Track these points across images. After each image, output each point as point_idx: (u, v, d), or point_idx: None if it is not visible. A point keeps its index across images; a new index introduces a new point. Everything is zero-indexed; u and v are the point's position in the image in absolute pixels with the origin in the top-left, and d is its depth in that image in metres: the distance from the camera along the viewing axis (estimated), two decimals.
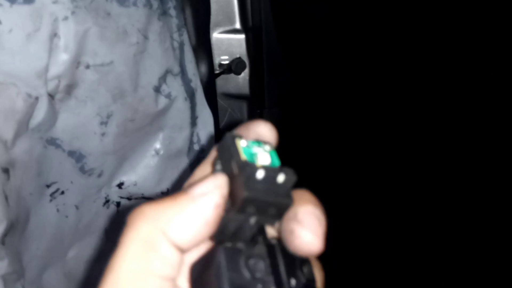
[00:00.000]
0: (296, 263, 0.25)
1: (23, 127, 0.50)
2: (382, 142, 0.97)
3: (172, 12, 0.64)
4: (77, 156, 0.60)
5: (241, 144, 0.26)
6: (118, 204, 0.68)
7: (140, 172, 0.68)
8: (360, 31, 0.89)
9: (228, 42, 0.86)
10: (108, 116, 0.60)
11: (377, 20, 0.89)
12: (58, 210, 0.60)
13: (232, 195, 0.25)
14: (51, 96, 0.53)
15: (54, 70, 0.51)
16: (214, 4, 0.81)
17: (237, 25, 0.85)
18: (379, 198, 1.01)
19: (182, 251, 0.24)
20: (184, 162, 0.71)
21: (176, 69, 0.66)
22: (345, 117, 0.94)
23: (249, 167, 0.24)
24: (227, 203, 0.25)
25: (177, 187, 0.68)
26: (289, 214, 0.25)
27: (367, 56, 0.91)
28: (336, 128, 0.95)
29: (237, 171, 0.25)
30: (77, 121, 0.57)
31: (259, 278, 0.24)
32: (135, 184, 0.68)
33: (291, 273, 0.24)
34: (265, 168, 0.24)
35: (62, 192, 0.60)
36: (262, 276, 0.24)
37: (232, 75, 0.87)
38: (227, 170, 0.26)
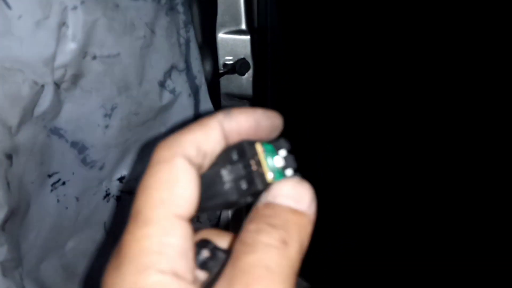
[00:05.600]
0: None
1: (28, 114, 0.50)
2: (386, 144, 0.97)
3: (180, 8, 0.65)
4: (79, 147, 0.60)
5: (263, 156, 0.26)
6: (118, 198, 0.67)
7: (141, 167, 0.68)
8: (367, 35, 0.90)
9: (233, 42, 0.86)
10: (113, 109, 0.60)
11: (384, 24, 0.90)
12: (58, 201, 0.59)
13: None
14: (57, 85, 0.53)
15: (61, 59, 0.52)
16: (221, 4, 0.82)
17: (243, 26, 0.86)
18: (379, 197, 1.01)
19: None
20: None
21: (182, 65, 0.66)
22: (348, 119, 0.95)
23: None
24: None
25: None
26: None
27: (373, 60, 0.91)
28: (339, 130, 0.95)
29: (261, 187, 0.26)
30: (81, 112, 0.57)
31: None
32: (136, 179, 0.68)
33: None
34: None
35: (63, 183, 0.60)
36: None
37: (236, 75, 0.87)
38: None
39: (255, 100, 0.88)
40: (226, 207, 0.26)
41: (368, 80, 0.92)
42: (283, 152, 0.26)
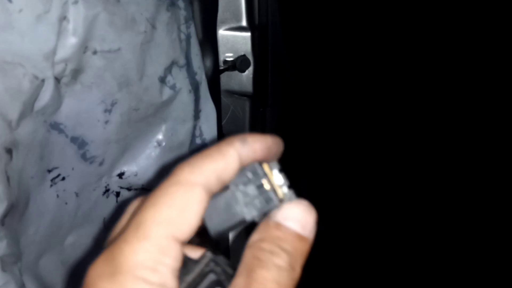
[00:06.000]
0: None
1: (28, 108, 0.50)
2: (383, 141, 0.97)
3: (181, 3, 0.64)
4: (79, 143, 0.60)
5: (272, 175, 0.28)
6: (117, 194, 0.67)
7: (141, 163, 0.67)
8: (366, 33, 0.90)
9: (234, 39, 0.86)
10: (113, 104, 0.60)
11: (383, 21, 0.90)
12: (58, 196, 0.59)
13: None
14: (57, 79, 0.52)
15: (61, 53, 0.51)
16: (222, 1, 0.82)
17: (243, 23, 0.86)
18: (379, 196, 1.01)
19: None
20: (185, 155, 0.71)
21: (182, 61, 0.66)
22: (347, 116, 0.95)
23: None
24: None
25: None
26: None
27: (372, 57, 0.91)
28: (338, 127, 0.95)
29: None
30: (81, 107, 0.57)
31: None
32: (135, 175, 0.68)
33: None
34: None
35: (63, 178, 0.59)
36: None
37: (236, 72, 0.87)
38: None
39: (255, 97, 0.88)
40: (241, 226, 0.28)
41: (368, 77, 0.92)
42: (276, 172, 0.28)
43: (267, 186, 0.27)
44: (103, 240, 0.67)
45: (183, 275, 0.27)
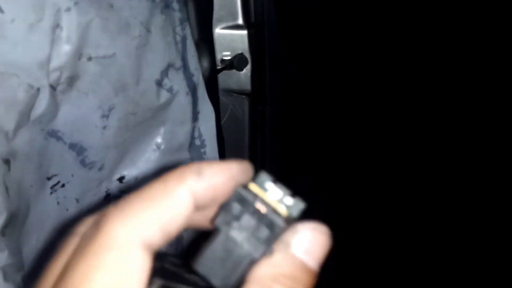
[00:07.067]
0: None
1: (24, 118, 0.50)
2: (382, 140, 0.97)
3: (175, 5, 0.64)
4: (78, 149, 0.59)
5: (264, 194, 0.23)
6: (119, 198, 0.67)
7: (141, 167, 0.67)
8: (362, 29, 0.89)
9: (231, 37, 0.86)
10: (110, 109, 0.59)
11: (379, 18, 0.89)
12: (58, 203, 0.59)
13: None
14: (52, 87, 0.52)
15: (56, 61, 0.51)
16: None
17: (240, 21, 0.85)
18: (379, 195, 1.00)
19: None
20: (185, 157, 0.71)
21: (178, 63, 0.66)
22: (346, 115, 0.94)
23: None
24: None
25: None
26: None
27: (368, 54, 0.91)
28: (337, 126, 0.94)
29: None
30: (78, 114, 0.57)
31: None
32: (135, 179, 0.68)
33: None
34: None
35: (63, 185, 0.59)
36: None
37: (234, 71, 0.87)
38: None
39: (254, 95, 0.88)
40: (252, 266, 0.23)
41: (367, 75, 0.92)
42: (270, 185, 0.23)
43: (264, 209, 0.22)
44: None
45: None
